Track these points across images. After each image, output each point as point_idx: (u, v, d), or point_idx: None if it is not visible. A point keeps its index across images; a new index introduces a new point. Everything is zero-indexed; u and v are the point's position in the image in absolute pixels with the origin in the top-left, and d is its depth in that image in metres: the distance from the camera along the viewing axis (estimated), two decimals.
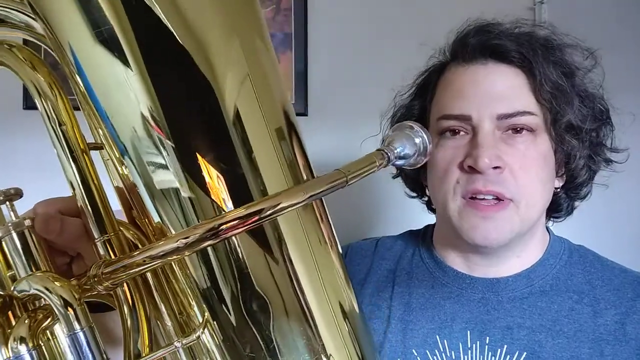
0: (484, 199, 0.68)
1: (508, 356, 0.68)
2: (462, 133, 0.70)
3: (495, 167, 0.66)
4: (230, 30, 0.39)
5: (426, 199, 0.87)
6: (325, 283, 0.41)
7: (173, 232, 0.38)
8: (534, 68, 0.68)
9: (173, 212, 0.38)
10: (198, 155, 0.37)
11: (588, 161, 0.73)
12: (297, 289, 0.39)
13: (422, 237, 0.85)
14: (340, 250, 0.44)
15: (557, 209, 0.78)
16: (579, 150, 0.71)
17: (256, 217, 0.32)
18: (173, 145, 0.36)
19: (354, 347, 0.42)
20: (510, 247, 0.72)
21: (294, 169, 0.41)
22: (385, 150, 0.42)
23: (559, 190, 0.76)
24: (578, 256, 0.76)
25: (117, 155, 0.38)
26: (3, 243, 0.37)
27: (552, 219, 0.81)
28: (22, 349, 0.32)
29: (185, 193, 0.37)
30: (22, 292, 0.33)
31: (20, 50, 0.39)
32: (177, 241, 0.33)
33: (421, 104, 0.79)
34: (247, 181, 0.38)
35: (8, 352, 0.32)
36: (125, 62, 0.36)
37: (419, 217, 0.90)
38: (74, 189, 0.38)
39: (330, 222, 0.44)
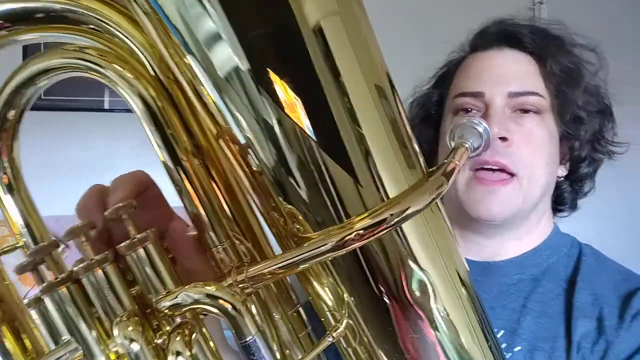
0: (490, 169, 0.70)
1: None
2: (474, 111, 0.73)
3: (503, 139, 0.69)
4: None
5: None
6: (440, 249, 0.39)
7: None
8: (545, 55, 0.73)
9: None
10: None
11: (590, 152, 0.77)
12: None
13: None
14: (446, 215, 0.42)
15: (561, 201, 0.81)
16: (582, 137, 0.75)
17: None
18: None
19: (474, 314, 0.41)
20: (511, 227, 0.74)
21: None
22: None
23: (562, 179, 0.79)
24: (577, 251, 0.77)
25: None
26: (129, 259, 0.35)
27: (557, 213, 0.82)
28: None
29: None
30: (175, 306, 0.31)
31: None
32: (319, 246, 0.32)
33: (440, 92, 0.82)
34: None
35: None
36: None
37: None
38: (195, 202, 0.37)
39: None
